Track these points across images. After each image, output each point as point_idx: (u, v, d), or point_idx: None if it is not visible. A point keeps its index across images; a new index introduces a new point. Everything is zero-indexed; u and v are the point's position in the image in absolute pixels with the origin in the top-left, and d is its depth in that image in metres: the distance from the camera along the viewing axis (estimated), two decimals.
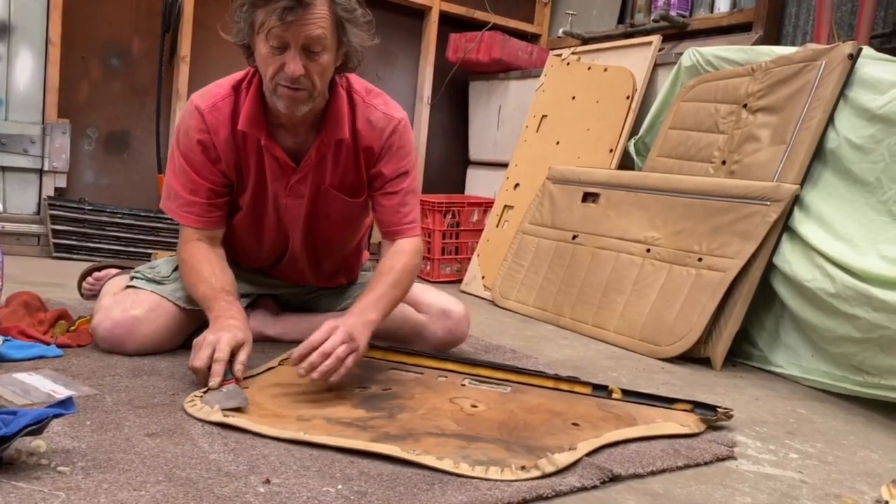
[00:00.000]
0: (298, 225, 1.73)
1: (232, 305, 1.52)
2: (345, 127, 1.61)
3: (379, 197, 1.70)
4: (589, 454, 1.24)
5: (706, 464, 1.31)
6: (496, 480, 1.11)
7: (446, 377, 1.66)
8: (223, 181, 1.65)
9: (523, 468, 1.15)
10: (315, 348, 1.39)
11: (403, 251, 1.65)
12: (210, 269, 1.60)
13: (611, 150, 2.97)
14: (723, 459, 1.35)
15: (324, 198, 1.70)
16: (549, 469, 1.15)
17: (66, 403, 1.07)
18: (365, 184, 1.72)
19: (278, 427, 1.24)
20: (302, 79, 1.45)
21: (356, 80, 1.68)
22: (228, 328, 1.43)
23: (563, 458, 1.18)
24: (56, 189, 3.09)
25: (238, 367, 1.39)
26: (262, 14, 1.42)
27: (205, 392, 1.35)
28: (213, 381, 1.34)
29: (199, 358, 1.37)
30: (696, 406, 1.55)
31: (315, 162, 1.64)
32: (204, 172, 1.63)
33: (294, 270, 1.85)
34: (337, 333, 1.40)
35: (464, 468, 1.14)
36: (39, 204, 3.07)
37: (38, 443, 1.05)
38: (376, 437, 1.24)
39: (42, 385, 1.35)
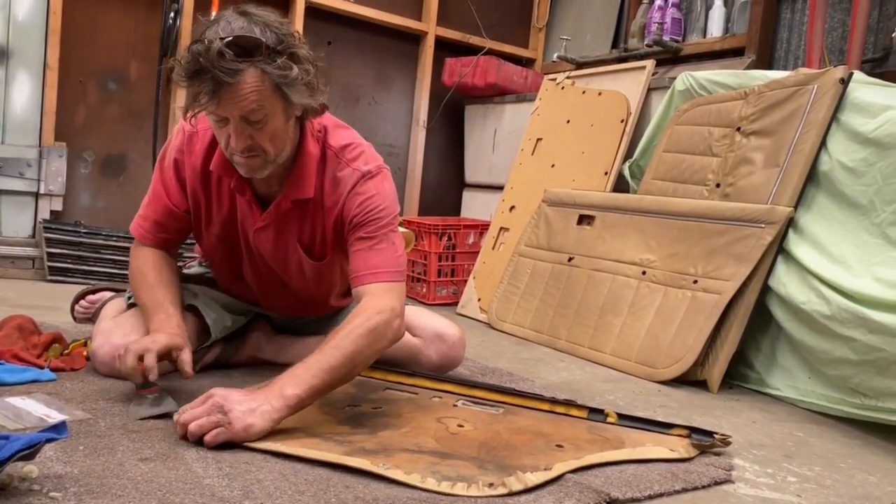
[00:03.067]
0: (270, 266, 1.71)
1: (171, 318, 1.50)
2: (310, 186, 1.55)
3: (348, 245, 1.58)
4: (585, 476, 1.23)
5: (704, 487, 1.31)
6: (462, 496, 1.12)
7: (441, 398, 1.66)
8: (184, 206, 1.65)
9: (490, 485, 1.15)
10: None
11: (361, 310, 1.45)
12: (157, 276, 1.59)
13: (605, 173, 2.99)
14: (720, 483, 1.34)
15: (291, 252, 1.66)
16: (517, 487, 1.15)
17: (58, 428, 1.06)
18: (330, 246, 1.65)
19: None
20: (251, 148, 1.41)
21: (335, 134, 1.60)
22: (156, 332, 1.45)
23: (535, 478, 1.18)
24: (52, 212, 3.09)
25: (185, 368, 1.42)
26: (196, 91, 1.35)
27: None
28: (136, 379, 1.38)
29: (122, 363, 1.39)
30: (694, 431, 1.53)
31: (275, 217, 1.60)
32: (169, 190, 1.64)
33: (278, 303, 1.84)
34: (206, 403, 1.26)
35: (430, 483, 1.14)
36: (35, 227, 3.06)
37: (31, 468, 1.04)
38: (350, 452, 1.24)
39: (35, 409, 1.34)
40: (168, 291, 1.58)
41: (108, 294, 2.01)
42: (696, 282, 2.26)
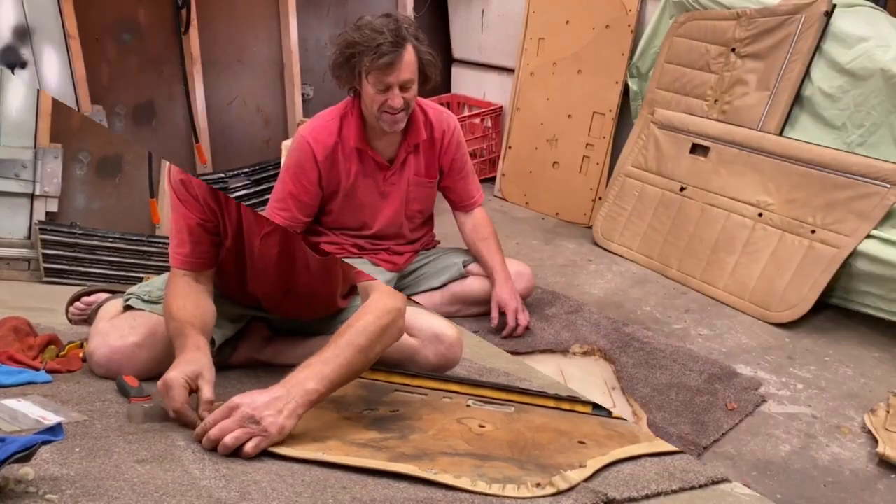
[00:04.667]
0: (274, 272, 1.72)
1: (194, 339, 1.45)
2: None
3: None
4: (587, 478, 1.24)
5: (701, 487, 1.30)
6: (514, 498, 1.12)
7: (451, 398, 1.67)
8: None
9: (538, 485, 1.16)
10: (207, 430, 1.24)
11: (370, 308, 1.46)
12: (180, 303, 1.55)
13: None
14: (718, 482, 1.33)
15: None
16: (563, 486, 1.16)
17: (54, 430, 1.06)
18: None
19: (296, 448, 1.23)
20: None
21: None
22: (184, 363, 1.38)
23: (576, 475, 1.19)
24: (47, 213, 3.08)
25: (203, 407, 1.32)
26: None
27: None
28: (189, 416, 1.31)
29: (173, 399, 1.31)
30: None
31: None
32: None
33: (280, 308, 1.85)
34: (234, 415, 1.23)
35: (481, 486, 1.14)
36: (30, 228, 3.05)
37: (26, 470, 1.03)
38: (392, 458, 1.24)
39: (31, 411, 1.34)
40: (190, 314, 1.53)
41: (104, 295, 2.00)
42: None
